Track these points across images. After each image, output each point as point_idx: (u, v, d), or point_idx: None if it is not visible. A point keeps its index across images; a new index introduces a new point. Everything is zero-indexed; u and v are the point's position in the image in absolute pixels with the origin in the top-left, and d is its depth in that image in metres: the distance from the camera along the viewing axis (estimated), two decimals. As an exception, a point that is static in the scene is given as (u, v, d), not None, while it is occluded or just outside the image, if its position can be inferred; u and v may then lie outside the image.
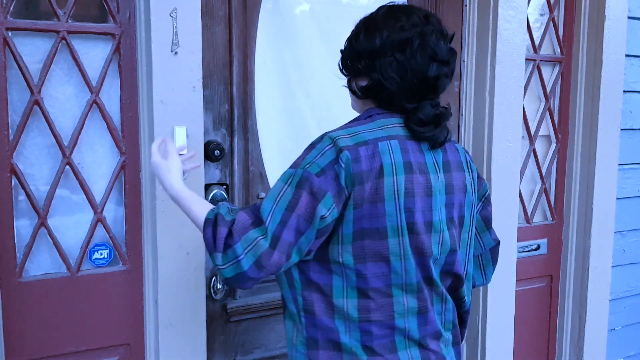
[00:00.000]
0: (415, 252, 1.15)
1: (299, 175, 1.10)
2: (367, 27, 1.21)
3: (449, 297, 1.26)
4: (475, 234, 1.37)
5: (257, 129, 1.77)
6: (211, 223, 1.11)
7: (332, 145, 1.12)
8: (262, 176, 1.79)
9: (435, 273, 1.20)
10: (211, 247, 1.10)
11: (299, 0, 1.82)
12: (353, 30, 1.23)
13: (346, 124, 1.21)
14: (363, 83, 1.21)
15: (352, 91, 1.25)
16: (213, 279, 1.72)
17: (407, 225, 1.14)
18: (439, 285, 1.21)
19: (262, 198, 1.78)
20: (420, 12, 1.21)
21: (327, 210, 1.08)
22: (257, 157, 1.77)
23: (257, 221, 1.10)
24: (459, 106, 2.13)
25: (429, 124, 1.17)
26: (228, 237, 1.08)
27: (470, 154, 2.14)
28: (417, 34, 1.16)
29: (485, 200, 1.37)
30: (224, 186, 1.72)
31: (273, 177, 1.80)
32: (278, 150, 1.83)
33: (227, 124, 1.72)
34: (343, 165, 1.09)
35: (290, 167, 1.14)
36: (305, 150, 1.15)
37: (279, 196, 1.10)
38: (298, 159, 1.14)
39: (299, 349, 1.21)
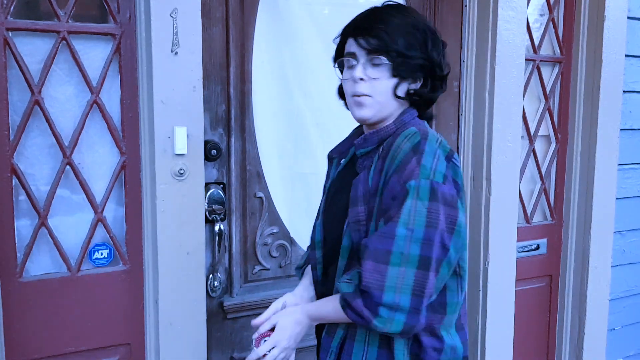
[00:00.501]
0: None
1: (428, 188, 1.01)
2: (433, 37, 1.15)
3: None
4: None
5: (254, 129, 1.77)
6: (345, 306, 1.04)
7: (438, 143, 1.08)
8: (260, 175, 1.79)
9: None
10: (365, 322, 1.02)
11: (296, 1, 1.82)
12: (419, 36, 1.13)
13: (405, 120, 1.14)
14: (415, 87, 1.15)
15: (396, 94, 1.13)
16: (210, 277, 1.73)
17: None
18: None
19: (259, 197, 1.79)
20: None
21: (463, 214, 1.06)
22: (255, 157, 1.78)
23: (393, 257, 1.01)
24: (459, 106, 2.13)
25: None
26: (365, 304, 1.01)
27: (470, 154, 2.15)
28: (440, 39, 1.16)
29: None
30: (221, 185, 1.72)
31: (270, 176, 1.80)
32: (276, 150, 1.83)
33: (224, 124, 1.73)
34: (458, 164, 1.09)
35: (407, 182, 1.02)
36: (407, 155, 1.04)
37: (415, 215, 1.01)
38: (404, 164, 1.04)
39: None
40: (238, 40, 1.71)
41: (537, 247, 2.37)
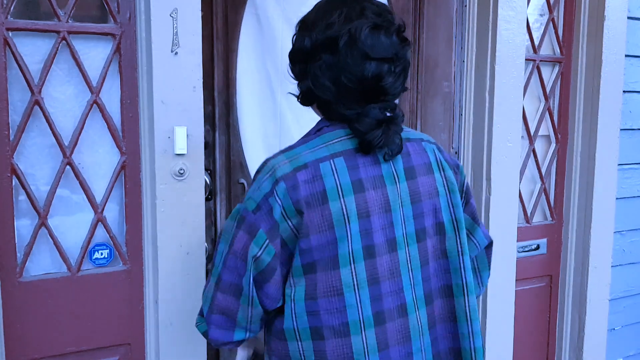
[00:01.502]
0: (372, 280, 1.03)
1: (240, 213, 1.05)
2: (300, 26, 1.09)
3: (427, 327, 1.09)
4: (467, 234, 1.18)
5: (238, 126, 1.97)
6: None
7: (270, 174, 1.03)
8: (242, 165, 1.99)
9: (409, 298, 1.06)
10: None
11: (276, 13, 1.95)
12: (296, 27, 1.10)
13: (296, 142, 1.10)
14: (302, 89, 1.10)
15: (297, 98, 1.13)
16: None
17: (363, 249, 1.02)
18: (412, 313, 1.06)
19: (241, 183, 1.99)
20: (359, 3, 1.05)
21: (259, 248, 1.01)
22: (238, 149, 1.98)
23: (212, 268, 1.10)
24: (452, 106, 2.12)
25: (372, 130, 1.02)
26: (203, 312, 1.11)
27: (470, 154, 2.15)
28: (346, 31, 1.01)
29: (466, 194, 1.21)
30: (208, 171, 1.92)
31: (252, 166, 1.99)
32: (262, 143, 2.02)
33: (210, 122, 1.92)
34: (278, 198, 1.00)
35: (240, 203, 1.08)
36: (253, 177, 1.08)
37: (228, 235, 1.06)
38: (250, 187, 1.08)
39: None
40: (222, 54, 1.92)
41: (537, 247, 2.37)
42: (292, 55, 1.10)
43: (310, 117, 1.69)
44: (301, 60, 1.08)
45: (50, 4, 1.47)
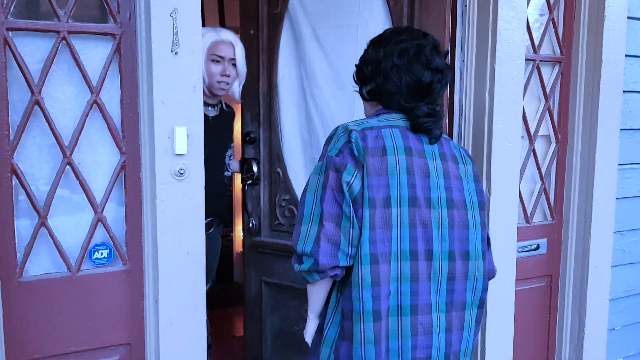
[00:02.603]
0: (412, 224, 1.32)
1: (325, 163, 1.33)
2: (374, 42, 1.46)
3: (446, 279, 1.36)
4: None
5: (278, 123, 2.42)
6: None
7: (344, 131, 1.34)
8: (280, 156, 2.43)
9: (436, 247, 1.34)
10: (299, 269, 1.35)
11: (305, 28, 2.32)
12: (366, 47, 1.47)
13: (360, 118, 1.43)
14: (369, 87, 1.44)
15: (362, 96, 1.47)
16: (250, 219, 2.48)
17: (409, 198, 1.31)
18: (437, 260, 1.34)
19: (277, 172, 2.43)
20: (420, 31, 1.46)
21: (351, 176, 1.29)
22: (277, 143, 2.43)
23: (303, 219, 1.33)
24: (452, 107, 2.12)
25: (424, 117, 1.37)
26: (295, 254, 1.35)
27: (470, 153, 2.15)
28: (414, 45, 1.39)
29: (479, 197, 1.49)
30: (255, 160, 2.44)
31: (288, 158, 2.42)
32: (295, 138, 2.42)
33: (257, 120, 2.45)
34: (354, 141, 1.30)
35: (319, 161, 1.36)
36: (325, 144, 1.38)
37: (316, 185, 1.33)
38: (322, 152, 1.37)
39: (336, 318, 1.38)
40: (266, 64, 2.41)
41: (537, 247, 2.37)
42: (366, 61, 1.45)
43: (330, 116, 2.32)
44: (375, 64, 1.42)
45: (50, 4, 1.47)
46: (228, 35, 2.17)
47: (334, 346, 1.36)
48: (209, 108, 2.18)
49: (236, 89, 2.25)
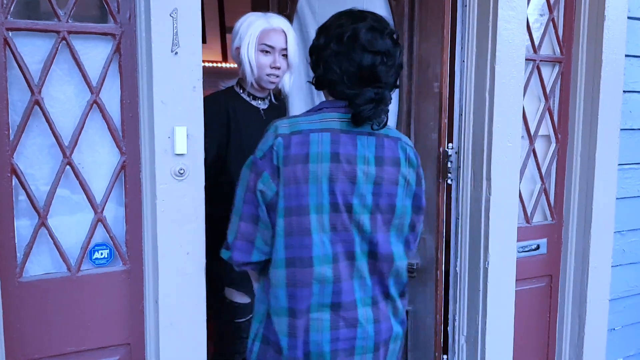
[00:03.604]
0: (333, 228, 1.34)
1: (251, 161, 1.37)
2: (318, 29, 1.43)
3: (368, 274, 1.40)
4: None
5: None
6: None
7: (273, 133, 1.35)
8: None
9: (358, 249, 1.37)
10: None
11: (313, 29, 2.29)
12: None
13: (301, 113, 1.43)
14: (315, 76, 1.43)
15: (312, 84, 1.46)
16: None
17: (330, 205, 1.33)
18: (359, 260, 1.38)
19: None
20: (362, 13, 1.40)
21: (265, 185, 1.33)
22: None
23: (233, 209, 1.39)
24: (440, 107, 2.12)
25: (366, 104, 1.34)
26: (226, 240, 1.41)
27: (470, 154, 2.15)
28: (351, 29, 1.35)
29: (416, 192, 1.48)
30: None
31: None
32: None
33: None
34: (275, 149, 1.33)
35: (252, 154, 1.39)
36: (263, 136, 1.40)
37: (242, 180, 1.38)
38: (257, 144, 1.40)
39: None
40: None
41: (537, 247, 2.37)
42: (310, 49, 1.43)
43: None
44: (317, 52, 1.40)
45: (50, 4, 1.47)
46: (280, 22, 1.94)
47: (262, 322, 1.43)
48: (259, 101, 2.01)
49: (287, 81, 2.04)
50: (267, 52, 1.91)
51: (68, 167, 1.53)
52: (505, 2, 2.04)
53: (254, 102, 1.99)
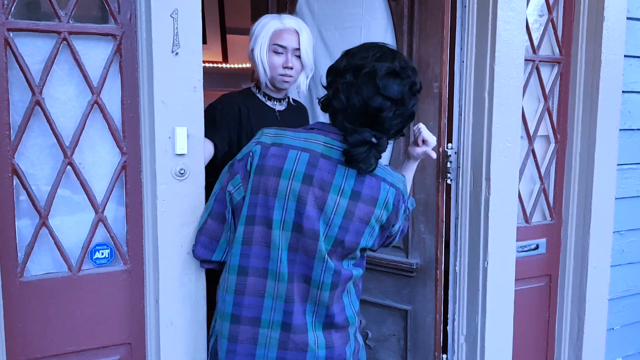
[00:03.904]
0: (293, 248, 1.33)
1: (232, 161, 1.39)
2: (344, 53, 1.40)
3: (325, 302, 1.37)
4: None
5: None
6: None
7: (256, 138, 1.38)
8: None
9: (316, 276, 1.34)
10: None
11: (312, 29, 2.22)
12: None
13: (290, 128, 1.42)
14: (322, 98, 1.41)
15: (319, 103, 1.44)
16: None
17: (293, 224, 1.32)
18: (315, 288, 1.35)
19: None
20: (392, 54, 1.35)
21: (234, 187, 1.35)
22: None
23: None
24: (440, 107, 2.12)
25: (359, 146, 1.30)
26: None
27: (470, 154, 2.16)
28: (371, 65, 1.30)
29: (387, 229, 1.46)
30: None
31: None
32: None
33: None
34: (251, 155, 1.34)
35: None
36: None
37: (220, 177, 1.41)
38: None
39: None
40: None
41: (537, 247, 2.38)
42: (329, 70, 1.41)
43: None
44: (333, 75, 1.38)
45: (51, 5, 1.47)
46: (292, 22, 1.92)
47: (216, 318, 1.47)
48: (275, 102, 2.00)
49: (303, 81, 2.01)
50: (279, 52, 1.90)
51: (69, 167, 1.53)
52: (505, 3, 2.04)
53: (269, 103, 1.99)
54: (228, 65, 4.83)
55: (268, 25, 1.91)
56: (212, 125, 1.82)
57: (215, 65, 4.74)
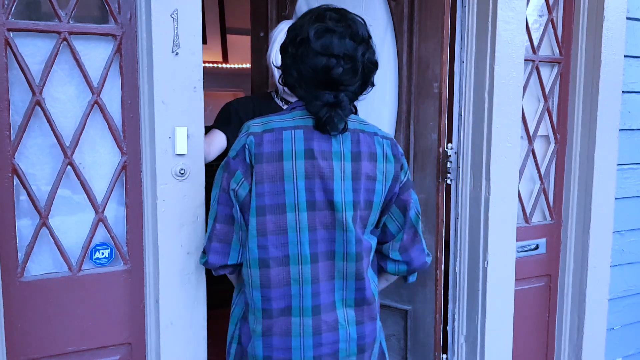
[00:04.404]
0: (311, 227, 1.31)
1: (224, 162, 1.36)
2: (287, 29, 1.39)
3: (352, 273, 1.36)
4: (393, 219, 1.46)
5: None
6: None
7: (245, 132, 1.34)
8: None
9: (339, 249, 1.33)
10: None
11: None
12: None
13: (272, 114, 1.40)
14: (278, 77, 1.44)
15: (280, 84, 1.44)
16: None
17: (307, 202, 1.30)
18: (340, 260, 1.34)
19: None
20: (322, 14, 1.33)
21: (237, 184, 1.31)
22: None
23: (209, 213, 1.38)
24: (440, 107, 2.12)
25: (319, 110, 1.30)
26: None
27: (470, 154, 2.16)
28: (305, 31, 1.30)
29: (400, 186, 1.44)
30: None
31: None
32: None
33: None
34: (247, 147, 1.31)
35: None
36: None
37: (217, 181, 1.37)
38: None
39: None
40: None
41: (537, 247, 2.38)
42: (279, 49, 1.40)
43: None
44: (281, 53, 1.38)
45: (51, 5, 1.47)
46: None
47: (238, 324, 1.43)
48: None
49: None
50: None
51: (69, 167, 1.53)
52: (505, 3, 2.04)
53: (285, 107, 2.01)
54: (228, 65, 4.83)
55: (284, 31, 1.92)
56: (226, 120, 1.90)
57: (215, 65, 4.74)
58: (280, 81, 1.41)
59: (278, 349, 1.34)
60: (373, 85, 1.41)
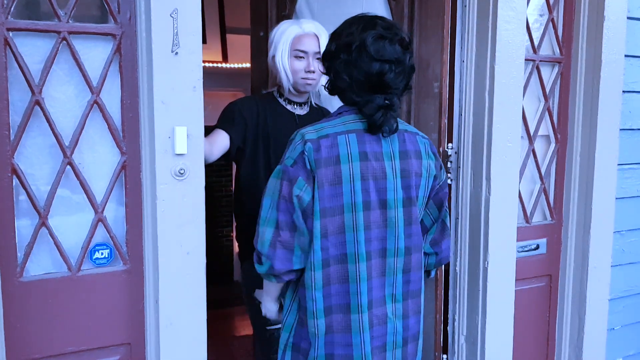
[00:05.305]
0: (367, 227, 1.38)
1: (281, 170, 1.38)
2: (330, 36, 1.47)
3: (401, 272, 1.44)
4: (428, 213, 1.56)
5: None
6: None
7: (301, 140, 1.38)
8: None
9: (391, 245, 1.41)
10: (259, 271, 1.43)
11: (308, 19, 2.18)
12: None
13: (322, 120, 1.46)
14: (327, 83, 1.49)
15: (325, 88, 1.51)
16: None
17: (363, 202, 1.37)
18: (391, 257, 1.42)
19: None
20: (372, 21, 1.42)
21: (301, 190, 1.35)
22: None
23: (261, 220, 1.40)
24: (440, 107, 2.12)
25: (375, 113, 1.38)
26: (256, 252, 1.42)
27: (470, 154, 2.16)
28: (357, 39, 1.38)
29: (438, 183, 1.55)
30: None
31: None
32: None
33: None
34: (306, 154, 1.36)
35: (279, 163, 1.41)
36: (287, 145, 1.43)
37: (274, 190, 1.39)
38: (284, 154, 1.42)
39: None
40: None
41: (537, 247, 2.37)
42: (323, 56, 1.49)
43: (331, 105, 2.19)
44: (328, 59, 1.45)
45: (51, 4, 1.47)
46: (311, 26, 1.96)
47: (292, 331, 1.47)
48: (295, 106, 2.02)
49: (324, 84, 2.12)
50: (300, 57, 1.94)
51: (68, 167, 1.53)
52: (505, 3, 2.04)
53: (289, 107, 2.02)
54: (228, 65, 4.83)
55: (287, 31, 1.94)
56: (229, 120, 1.90)
57: (215, 65, 4.74)
58: (327, 86, 1.48)
59: (339, 346, 1.40)
60: (410, 88, 1.50)
